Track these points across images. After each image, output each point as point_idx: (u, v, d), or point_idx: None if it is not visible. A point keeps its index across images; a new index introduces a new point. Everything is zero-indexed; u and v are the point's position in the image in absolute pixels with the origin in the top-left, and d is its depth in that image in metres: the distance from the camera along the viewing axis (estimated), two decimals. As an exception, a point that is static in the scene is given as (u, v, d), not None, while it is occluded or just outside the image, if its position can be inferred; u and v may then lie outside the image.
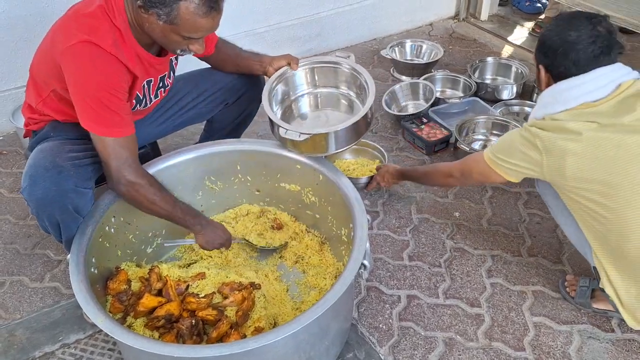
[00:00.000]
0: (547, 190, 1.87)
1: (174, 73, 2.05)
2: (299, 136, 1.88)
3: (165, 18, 1.58)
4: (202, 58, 2.17)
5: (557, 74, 1.69)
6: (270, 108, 1.99)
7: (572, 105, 1.63)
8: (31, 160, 1.71)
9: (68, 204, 1.67)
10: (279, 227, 2.20)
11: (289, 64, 2.10)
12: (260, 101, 2.26)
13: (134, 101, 1.85)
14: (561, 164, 1.62)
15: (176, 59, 2.00)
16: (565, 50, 1.64)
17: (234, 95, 2.23)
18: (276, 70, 2.10)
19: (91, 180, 1.76)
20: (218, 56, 2.17)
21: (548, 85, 1.73)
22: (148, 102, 1.94)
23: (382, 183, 2.43)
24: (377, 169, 2.50)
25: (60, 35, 1.65)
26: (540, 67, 1.74)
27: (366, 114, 1.93)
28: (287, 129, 1.90)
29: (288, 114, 2.17)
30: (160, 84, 1.95)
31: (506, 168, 1.78)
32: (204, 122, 2.37)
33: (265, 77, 2.16)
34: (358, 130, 1.96)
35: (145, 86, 1.86)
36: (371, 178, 2.48)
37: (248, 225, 2.21)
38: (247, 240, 2.14)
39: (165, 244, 2.07)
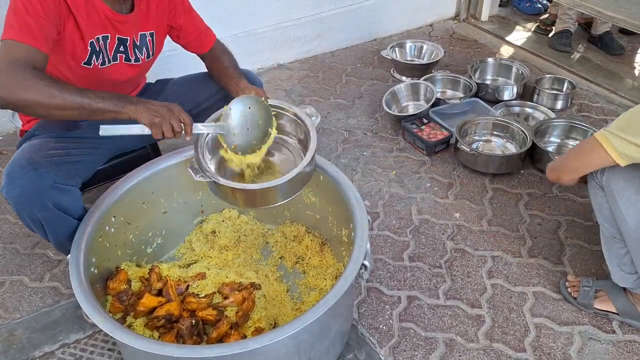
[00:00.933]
0: (617, 174, 1.75)
1: (149, 51, 1.97)
2: (198, 177, 1.68)
3: None
4: (199, 56, 2.16)
5: None
6: (200, 157, 1.76)
7: None
8: (11, 159, 1.71)
9: (47, 200, 1.65)
10: None
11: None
12: None
13: (88, 48, 1.77)
14: None
15: (152, 36, 1.95)
16: None
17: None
18: None
19: (74, 178, 1.75)
20: (211, 63, 2.14)
21: None
22: (106, 60, 1.85)
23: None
24: None
25: None
26: None
27: (302, 171, 1.71)
28: (198, 174, 1.69)
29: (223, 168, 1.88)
30: (121, 48, 1.87)
31: (620, 140, 1.60)
32: None
33: None
34: (291, 187, 1.73)
35: (101, 41, 1.80)
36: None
37: None
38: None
39: (101, 132, 1.56)
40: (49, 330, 1.95)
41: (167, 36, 2.06)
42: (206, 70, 2.20)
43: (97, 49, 1.80)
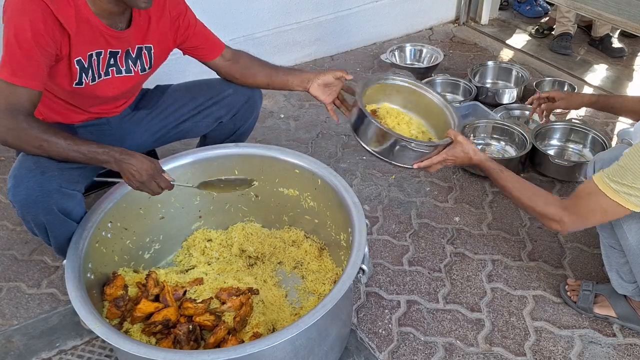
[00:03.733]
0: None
1: (143, 65, 1.93)
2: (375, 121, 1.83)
3: None
4: (207, 63, 2.12)
5: None
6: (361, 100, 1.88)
7: None
8: (16, 163, 1.71)
9: (52, 204, 1.65)
10: None
11: (338, 78, 2.05)
12: (257, 118, 2.25)
13: (76, 67, 1.74)
14: None
15: (148, 51, 1.91)
16: None
17: (229, 112, 2.16)
18: (322, 84, 2.06)
19: (78, 184, 1.75)
20: (236, 62, 2.12)
21: None
22: (96, 76, 1.82)
23: (449, 162, 1.93)
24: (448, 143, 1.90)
25: None
26: None
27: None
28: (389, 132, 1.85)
29: None
30: (112, 61, 1.84)
31: (628, 195, 1.49)
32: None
33: (279, 91, 2.10)
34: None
35: (94, 57, 1.77)
36: (435, 148, 1.91)
37: None
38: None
39: (94, 179, 1.82)
40: (46, 336, 1.94)
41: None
42: (206, 78, 2.19)
43: (86, 66, 1.77)
